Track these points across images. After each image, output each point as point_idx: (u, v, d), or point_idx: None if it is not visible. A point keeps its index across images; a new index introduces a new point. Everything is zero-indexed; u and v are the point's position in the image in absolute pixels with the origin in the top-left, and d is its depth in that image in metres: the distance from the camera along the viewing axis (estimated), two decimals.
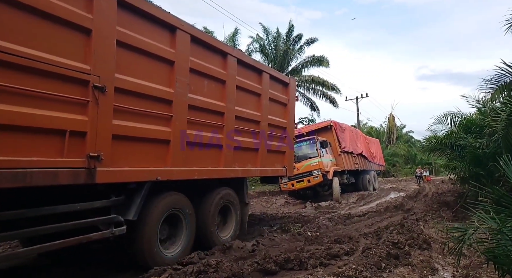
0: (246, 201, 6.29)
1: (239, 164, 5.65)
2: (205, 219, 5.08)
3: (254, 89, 6.09)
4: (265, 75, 6.36)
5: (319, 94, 24.92)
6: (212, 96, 5.06)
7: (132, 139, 3.85)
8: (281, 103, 7.05)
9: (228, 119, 5.31)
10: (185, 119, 4.50)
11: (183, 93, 4.47)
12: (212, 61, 5.09)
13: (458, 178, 9.63)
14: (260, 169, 6.27)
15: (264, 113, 6.26)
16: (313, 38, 24.46)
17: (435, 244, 5.39)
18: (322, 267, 4.14)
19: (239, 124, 5.58)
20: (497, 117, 6.29)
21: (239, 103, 5.60)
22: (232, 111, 5.41)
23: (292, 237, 6.08)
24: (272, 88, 6.62)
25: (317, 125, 15.86)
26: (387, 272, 3.96)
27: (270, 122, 6.48)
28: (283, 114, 7.10)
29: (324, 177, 13.13)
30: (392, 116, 42.35)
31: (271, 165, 6.64)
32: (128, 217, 3.81)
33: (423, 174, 23.92)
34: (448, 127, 9.33)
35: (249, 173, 6.13)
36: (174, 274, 3.70)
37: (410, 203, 10.30)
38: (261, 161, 6.22)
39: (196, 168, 4.76)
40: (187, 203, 4.72)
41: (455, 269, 4.38)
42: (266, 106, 6.35)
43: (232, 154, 5.42)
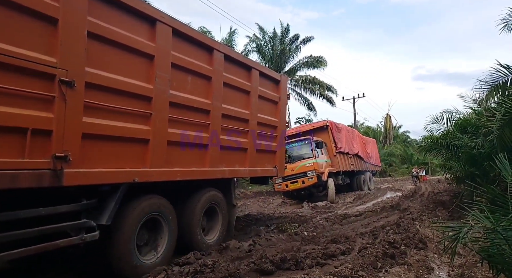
0: (233, 203, 6.07)
1: (226, 164, 5.42)
2: (189, 221, 4.85)
3: (243, 86, 5.83)
4: (255, 72, 6.10)
5: (316, 94, 24.95)
6: (197, 93, 4.82)
7: (106, 137, 3.59)
8: (272, 101, 6.81)
9: (214, 118, 5.06)
10: (166, 117, 4.25)
11: (164, 90, 4.21)
12: (197, 56, 4.83)
13: (454, 177, 9.68)
14: (249, 169, 6.02)
15: (253, 112, 6.00)
16: (308, 37, 24.49)
17: (431, 243, 5.42)
18: (319, 267, 4.15)
19: (226, 123, 5.35)
20: (492, 117, 6.33)
21: (226, 101, 5.35)
22: (218, 109, 5.16)
23: (289, 237, 6.09)
24: (262, 85, 6.37)
25: (313, 125, 15.58)
26: (383, 271, 3.97)
27: (260, 121, 6.24)
28: (274, 112, 6.86)
29: (319, 178, 12.91)
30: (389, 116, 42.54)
31: (261, 165, 6.43)
32: (101, 222, 3.53)
33: (419, 173, 24.01)
34: (444, 127, 9.38)
35: (237, 173, 5.88)
36: (170, 274, 3.70)
37: (406, 203, 10.34)
38: (250, 161, 5.98)
39: (179, 168, 4.50)
40: (168, 206, 4.45)
41: (450, 268, 4.41)
42: (256, 104, 6.10)
43: (218, 154, 5.17)
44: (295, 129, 16.06)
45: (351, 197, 14.07)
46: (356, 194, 14.64)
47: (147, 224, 4.19)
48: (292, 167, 12.83)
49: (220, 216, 5.52)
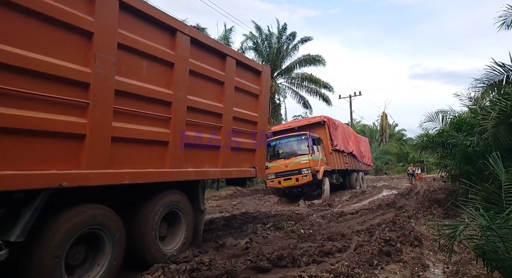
0: (201, 208, 5.24)
1: (192, 165, 4.76)
2: (142, 231, 4.13)
3: (215, 76, 5.14)
4: (230, 61, 5.41)
5: (312, 92, 24.99)
6: (154, 81, 4.13)
7: (19, 132, 2.87)
8: (252, 94, 6.10)
9: (176, 111, 4.39)
10: (109, 109, 3.52)
11: (107, 75, 3.48)
12: (155, 38, 4.14)
13: (449, 175, 9.75)
14: (221, 170, 5.32)
15: (228, 105, 5.34)
16: (307, 37, 24.55)
17: (426, 241, 5.46)
18: (315, 264, 4.17)
19: (193, 117, 4.69)
20: (487, 115, 6.38)
21: (193, 91, 4.68)
22: (182, 101, 4.47)
23: (285, 234, 6.11)
24: (240, 76, 5.69)
25: (309, 120, 14.99)
26: (379, 268, 4.00)
27: (237, 115, 5.59)
28: (254, 107, 6.16)
29: (314, 177, 12.36)
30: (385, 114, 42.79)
31: (237, 165, 5.76)
32: (9, 238, 2.81)
33: (415, 171, 24.16)
34: (439, 125, 9.44)
35: (205, 174, 5.16)
36: (167, 272, 3.70)
37: (402, 201, 10.40)
38: (224, 160, 5.33)
39: (128, 170, 3.79)
40: (112, 217, 3.67)
41: (445, 266, 4.45)
42: (231, 97, 5.42)
43: (182, 153, 4.50)
44: (290, 123, 15.69)
45: (347, 195, 14.12)
46: (352, 192, 14.69)
47: (84, 238, 3.43)
48: (286, 163, 12.49)
49: (184, 222, 4.77)
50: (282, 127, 15.50)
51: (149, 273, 3.74)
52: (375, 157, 36.98)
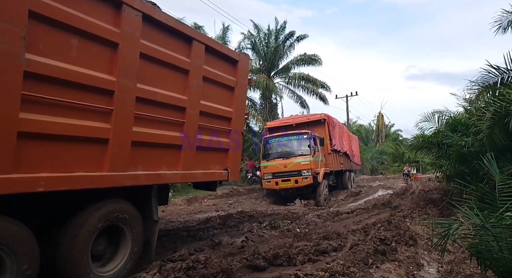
0: (155, 218, 4.33)
1: (143, 167, 3.96)
2: (67, 250, 3.28)
3: (177, 62, 4.35)
4: (198, 46, 4.62)
5: (309, 91, 25.01)
6: (88, 64, 3.31)
7: None
8: (225, 86, 5.32)
9: (121, 102, 3.58)
10: (14, 96, 2.72)
11: (14, 53, 2.70)
12: (88, 10, 3.31)
13: (444, 176, 9.82)
14: (182, 173, 4.50)
15: (193, 98, 4.58)
16: (303, 35, 24.53)
17: (421, 240, 5.51)
18: (311, 263, 4.19)
19: (144, 110, 3.89)
20: (482, 116, 6.43)
21: (146, 80, 3.91)
22: (130, 91, 3.66)
23: (281, 233, 6.12)
24: (211, 64, 4.92)
25: (309, 118, 14.02)
26: (374, 267, 4.03)
27: (205, 110, 4.84)
28: (227, 100, 5.39)
29: (315, 179, 11.50)
30: (381, 115, 42.98)
31: (204, 167, 4.99)
32: None
33: (410, 171, 24.27)
34: (435, 125, 9.51)
35: (160, 178, 4.29)
36: (163, 270, 3.70)
37: (398, 200, 10.48)
38: (186, 161, 4.54)
39: (45, 174, 3.00)
40: (21, 235, 2.85)
41: (440, 265, 4.49)
42: (199, 88, 4.67)
43: (127, 153, 3.68)
44: (287, 120, 14.72)
45: (343, 194, 14.17)
46: (348, 192, 14.75)
47: None
48: (285, 163, 11.71)
49: (129, 236, 3.89)
50: (279, 123, 14.55)
51: (145, 271, 3.74)
52: (371, 157, 37.17)
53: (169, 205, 10.96)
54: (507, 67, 6.62)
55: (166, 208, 10.55)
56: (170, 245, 5.41)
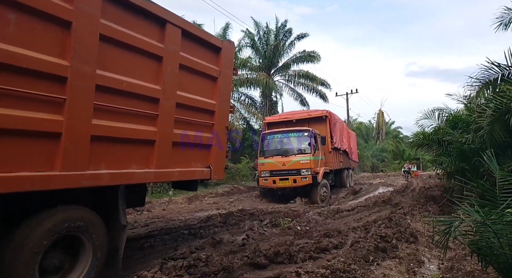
0: (122, 222, 3.79)
1: (108, 165, 3.49)
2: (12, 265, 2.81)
3: (147, 47, 3.87)
4: (173, 30, 4.15)
5: (309, 89, 25.00)
6: (35, 46, 2.86)
7: None
8: (207, 76, 4.85)
9: (75, 90, 3.10)
10: None
11: None
12: None
13: (445, 173, 9.82)
14: (156, 171, 4.03)
15: (168, 88, 4.11)
16: (303, 34, 24.50)
17: (421, 237, 5.51)
18: (312, 261, 4.20)
19: (106, 101, 3.43)
20: (483, 113, 6.43)
21: (108, 66, 3.44)
22: (86, 77, 3.19)
23: (282, 231, 6.13)
24: (189, 51, 4.46)
25: (310, 114, 13.36)
26: (375, 265, 4.04)
27: (183, 102, 4.37)
28: (210, 92, 4.94)
29: (314, 179, 10.95)
30: (381, 112, 42.94)
31: (183, 165, 4.52)
32: None
33: (411, 169, 24.28)
34: (435, 122, 9.51)
35: (129, 178, 3.76)
36: (164, 268, 3.71)
37: (398, 198, 10.48)
38: (160, 158, 4.08)
39: None
40: None
41: (440, 262, 4.50)
42: (174, 77, 4.20)
43: (85, 149, 3.22)
44: (287, 115, 13.98)
45: (344, 192, 14.19)
46: (349, 190, 14.75)
47: None
48: (283, 161, 11.22)
49: (89, 247, 3.39)
50: (278, 118, 13.91)
51: (146, 270, 3.75)
52: (371, 154, 37.16)
53: (170, 204, 11.00)
54: (507, 64, 6.61)
55: (167, 206, 10.59)
56: (171, 243, 5.43)
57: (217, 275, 3.58)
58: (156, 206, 10.43)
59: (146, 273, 3.54)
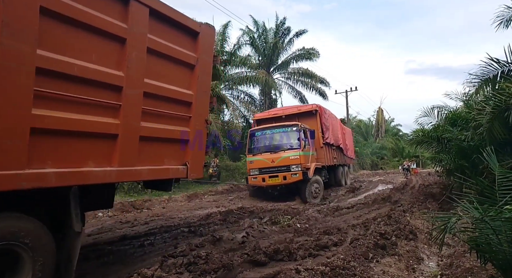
0: (75, 228, 3.19)
1: (55, 163, 3.00)
2: None
3: (105, 27, 3.34)
4: (138, 8, 3.64)
5: (308, 87, 25.00)
6: None
7: None
8: (182, 63, 4.32)
9: (10, 73, 2.62)
10: None
11: None
12: None
13: (444, 170, 9.85)
14: (119, 170, 3.51)
15: (133, 74, 3.59)
16: (302, 30, 24.52)
17: (421, 234, 5.53)
18: (311, 258, 4.21)
19: (50, 87, 2.91)
20: (482, 110, 6.43)
21: (51, 46, 2.90)
22: (23, 60, 2.68)
23: (282, 228, 6.15)
24: (159, 34, 3.92)
25: (300, 109, 13.10)
26: (374, 262, 4.05)
27: (152, 91, 3.85)
28: (186, 81, 4.42)
29: (305, 175, 10.57)
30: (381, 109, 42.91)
31: (154, 162, 4.03)
32: None
33: (410, 166, 24.33)
34: (435, 120, 9.52)
35: (83, 177, 3.21)
36: (164, 266, 3.72)
37: (398, 195, 10.50)
38: (125, 155, 3.56)
39: None
40: None
41: (439, 258, 4.51)
42: (141, 62, 3.69)
43: (23, 145, 2.71)
44: (277, 111, 13.75)
45: (343, 189, 14.21)
46: (349, 187, 14.77)
47: None
48: (272, 158, 10.89)
49: (29, 263, 2.85)
50: (267, 115, 13.61)
51: (146, 267, 3.76)
52: (371, 152, 37.20)
53: (170, 202, 11.01)
54: (507, 60, 6.61)
55: (166, 204, 10.60)
56: (171, 241, 5.44)
57: (217, 272, 3.59)
58: (156, 204, 10.45)
59: (146, 271, 3.55)
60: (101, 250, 4.88)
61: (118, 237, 5.76)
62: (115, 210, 9.02)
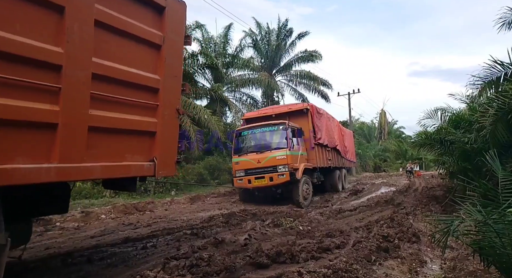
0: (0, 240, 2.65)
1: None
2: None
3: None
4: None
5: (311, 89, 25.02)
6: None
7: None
8: (144, 42, 3.69)
9: None
10: None
11: None
12: None
13: (447, 172, 9.81)
14: (59, 167, 2.89)
15: (76, 52, 2.98)
16: (304, 32, 24.57)
17: (424, 237, 5.50)
18: (314, 260, 4.20)
19: None
20: (485, 113, 6.41)
21: None
22: None
23: (284, 231, 6.14)
24: (111, 5, 3.33)
25: (290, 107, 12.59)
26: (377, 264, 4.03)
27: (103, 72, 3.24)
28: (150, 63, 3.77)
29: (292, 176, 10.12)
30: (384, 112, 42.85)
31: (111, 158, 3.39)
32: None
33: (413, 168, 24.22)
34: (438, 122, 9.49)
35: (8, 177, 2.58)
36: (167, 268, 3.73)
37: (400, 198, 10.47)
38: (69, 149, 2.95)
39: None
40: None
41: (443, 261, 4.49)
42: (87, 38, 3.08)
43: None
44: (267, 110, 13.28)
45: (346, 192, 14.17)
46: (352, 190, 14.73)
47: None
48: (258, 158, 10.50)
49: None
50: (257, 114, 13.08)
51: (149, 269, 3.77)
52: (373, 154, 37.10)
53: (172, 204, 11.03)
54: (510, 62, 6.58)
55: (169, 206, 10.63)
56: (174, 243, 5.45)
57: (220, 274, 3.59)
58: (158, 206, 10.47)
59: (149, 273, 3.56)
60: (104, 252, 4.90)
61: (121, 239, 5.77)
62: (118, 212, 9.05)
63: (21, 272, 3.98)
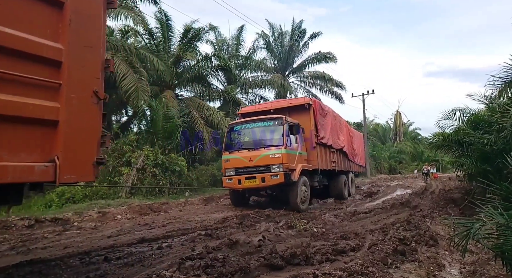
0: None
1: None
2: None
3: None
4: None
5: (324, 90, 24.89)
6: None
7: None
8: None
9: None
10: None
11: None
12: None
13: (466, 174, 9.58)
14: None
15: None
16: (316, 33, 24.53)
17: (442, 240, 5.38)
18: (329, 263, 4.16)
19: None
20: (506, 113, 6.24)
21: None
22: None
23: (298, 233, 6.11)
24: None
25: (290, 102, 11.43)
26: (393, 268, 3.97)
27: None
28: (46, 26, 2.75)
29: (287, 177, 8.97)
30: (399, 113, 42.27)
31: None
32: None
33: (430, 171, 23.77)
34: (456, 123, 9.29)
35: None
36: (182, 268, 3.76)
37: (417, 200, 10.27)
38: None
39: None
40: None
41: (462, 266, 4.38)
42: None
43: None
44: (265, 105, 12.38)
45: (361, 194, 13.99)
46: (367, 192, 14.54)
47: None
48: (251, 156, 9.32)
49: None
50: (255, 108, 11.89)
51: (164, 269, 3.81)
52: (389, 156, 36.57)
53: (187, 205, 11.13)
54: None
55: (183, 207, 10.73)
56: (189, 243, 5.49)
57: (234, 275, 3.60)
58: (172, 207, 10.58)
59: (164, 272, 3.60)
60: (120, 252, 4.98)
61: (136, 239, 5.86)
62: (133, 212, 9.19)
63: (42, 270, 4.08)
